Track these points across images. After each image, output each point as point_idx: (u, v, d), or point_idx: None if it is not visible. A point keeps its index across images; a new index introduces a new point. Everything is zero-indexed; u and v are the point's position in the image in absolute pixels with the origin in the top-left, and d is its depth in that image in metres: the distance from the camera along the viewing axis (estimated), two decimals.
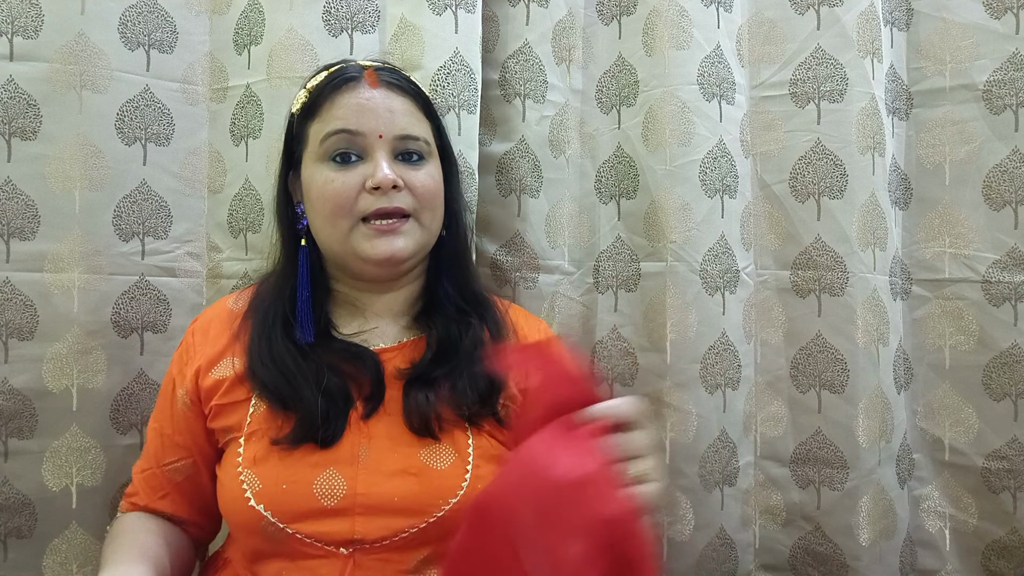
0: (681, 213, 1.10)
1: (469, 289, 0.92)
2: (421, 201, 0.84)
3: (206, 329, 0.89)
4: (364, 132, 0.82)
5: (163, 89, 1.08)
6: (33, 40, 0.99)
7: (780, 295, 1.16)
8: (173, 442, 0.87)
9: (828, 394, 1.12)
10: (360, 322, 0.89)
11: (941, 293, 1.14)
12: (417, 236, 0.85)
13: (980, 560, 1.11)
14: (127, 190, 1.05)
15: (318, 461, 0.78)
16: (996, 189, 1.09)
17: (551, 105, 1.17)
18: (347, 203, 0.81)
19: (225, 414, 0.84)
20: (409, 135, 0.84)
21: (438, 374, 0.84)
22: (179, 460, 0.87)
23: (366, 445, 0.80)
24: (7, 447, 0.99)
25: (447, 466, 0.80)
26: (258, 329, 0.85)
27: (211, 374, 0.85)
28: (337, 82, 0.84)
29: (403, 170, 0.83)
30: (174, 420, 0.87)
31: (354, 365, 0.84)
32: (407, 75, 0.90)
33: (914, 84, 1.16)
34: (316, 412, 0.79)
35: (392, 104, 0.84)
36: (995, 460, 1.09)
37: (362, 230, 0.82)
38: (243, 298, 0.92)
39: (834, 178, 1.11)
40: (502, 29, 1.16)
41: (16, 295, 0.98)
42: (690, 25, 1.10)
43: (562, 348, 0.91)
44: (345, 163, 0.82)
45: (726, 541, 1.12)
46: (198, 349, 0.88)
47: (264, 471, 0.78)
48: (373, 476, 0.78)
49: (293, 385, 0.81)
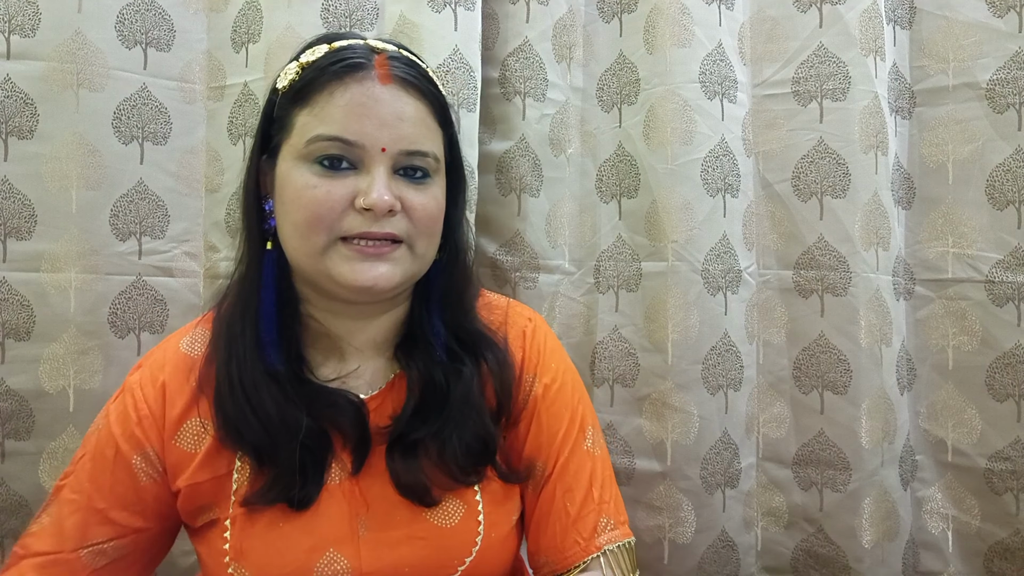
0: (683, 212, 1.09)
1: (465, 328, 0.78)
2: (418, 226, 0.70)
3: (159, 381, 0.73)
4: (364, 144, 0.67)
5: (160, 88, 1.08)
6: (30, 39, 0.98)
7: (782, 295, 1.15)
8: (106, 519, 0.70)
9: (831, 395, 1.11)
10: (337, 360, 0.76)
11: (944, 293, 1.13)
12: (407, 265, 0.71)
13: (983, 562, 1.11)
14: (124, 189, 1.05)
15: (314, 544, 0.68)
16: (999, 188, 1.09)
17: (551, 103, 1.16)
18: (328, 217, 0.67)
19: (201, 494, 0.71)
20: (417, 150, 0.70)
21: (422, 435, 0.72)
22: (108, 541, 0.70)
23: (363, 516, 0.70)
24: (4, 448, 0.98)
25: (457, 523, 0.72)
26: (225, 362, 0.71)
27: (176, 443, 0.72)
28: (339, 68, 0.68)
29: (403, 189, 0.69)
30: (115, 493, 0.71)
31: (334, 413, 0.72)
32: (426, 69, 0.74)
33: (917, 83, 1.15)
34: (292, 464, 0.68)
35: (403, 109, 0.69)
36: (998, 461, 1.09)
37: (341, 250, 0.68)
38: (198, 339, 0.76)
39: (837, 177, 1.10)
40: (502, 27, 1.16)
41: (13, 295, 0.98)
42: (691, 23, 1.09)
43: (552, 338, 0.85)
44: (334, 169, 0.68)
45: (728, 543, 1.12)
46: (155, 407, 0.72)
47: (255, 563, 0.68)
48: (378, 550, 0.70)
49: (267, 429, 0.69)
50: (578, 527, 0.75)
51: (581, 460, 0.77)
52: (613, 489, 0.79)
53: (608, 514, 0.76)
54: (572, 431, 0.78)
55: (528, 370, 0.80)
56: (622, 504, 0.80)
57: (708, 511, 1.10)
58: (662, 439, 1.10)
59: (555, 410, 0.79)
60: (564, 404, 0.79)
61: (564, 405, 0.79)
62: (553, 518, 0.75)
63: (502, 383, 0.77)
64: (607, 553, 0.74)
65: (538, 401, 0.79)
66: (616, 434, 1.13)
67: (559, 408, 0.79)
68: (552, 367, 0.81)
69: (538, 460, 0.77)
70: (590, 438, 0.79)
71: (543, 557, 0.76)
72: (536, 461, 0.77)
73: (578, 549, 0.74)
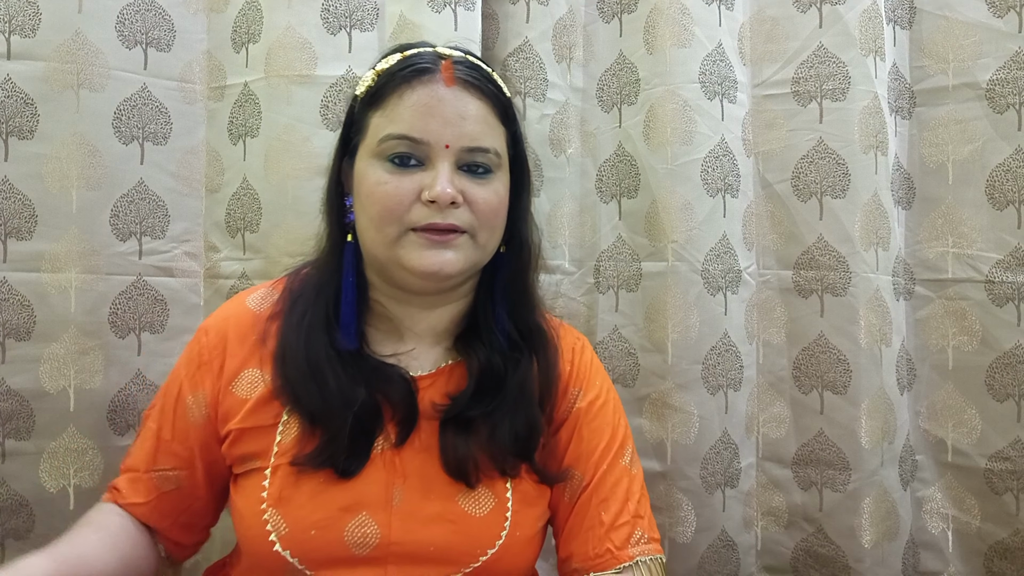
0: (683, 212, 1.09)
1: (526, 319, 0.83)
2: (480, 218, 0.75)
3: (224, 331, 0.81)
4: (429, 141, 0.73)
5: (161, 88, 1.08)
6: (30, 39, 0.98)
7: (782, 295, 1.15)
8: (170, 449, 0.79)
9: (830, 395, 1.11)
10: (395, 341, 0.81)
11: (944, 293, 1.13)
12: (469, 253, 0.76)
13: (983, 562, 1.11)
14: (124, 189, 1.05)
15: (349, 504, 0.72)
16: (999, 188, 1.09)
17: (551, 103, 1.16)
18: (398, 209, 0.73)
19: (246, 440, 0.76)
20: (478, 147, 0.75)
21: (476, 414, 0.77)
22: (172, 469, 0.79)
23: (400, 486, 0.74)
24: (4, 448, 0.98)
25: (486, 513, 0.75)
26: (295, 330, 0.77)
27: (232, 389, 0.78)
28: (408, 72, 0.74)
29: (466, 184, 0.74)
30: (176, 428, 0.79)
31: (387, 386, 0.77)
32: (489, 72, 0.80)
33: (917, 83, 1.16)
34: (344, 434, 0.73)
35: (465, 108, 0.75)
36: (998, 461, 1.09)
37: (411, 238, 0.74)
38: (267, 297, 0.83)
39: (836, 177, 1.10)
40: (502, 27, 1.16)
41: (13, 295, 0.98)
42: (691, 23, 1.09)
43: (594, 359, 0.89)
44: (403, 166, 0.74)
45: (728, 543, 1.12)
46: (215, 354, 0.79)
47: (291, 513, 0.72)
48: (408, 523, 0.73)
49: (325, 397, 0.74)
50: (611, 536, 0.77)
51: (619, 475, 0.80)
52: (648, 507, 0.82)
53: (643, 528, 0.79)
54: (612, 446, 0.81)
55: (575, 384, 0.84)
56: (655, 523, 0.82)
57: (708, 511, 1.10)
58: (662, 439, 1.10)
59: (596, 425, 0.82)
60: (606, 420, 0.83)
61: (606, 421, 0.83)
62: (587, 525, 0.78)
63: (547, 382, 0.82)
64: (639, 564, 0.76)
65: (581, 415, 0.82)
66: None
67: (601, 423, 0.82)
68: (597, 384, 0.85)
69: (576, 470, 0.80)
70: (628, 456, 0.83)
71: (574, 563, 0.78)
72: (575, 470, 0.81)
73: (611, 557, 0.76)
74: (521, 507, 0.76)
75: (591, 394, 0.84)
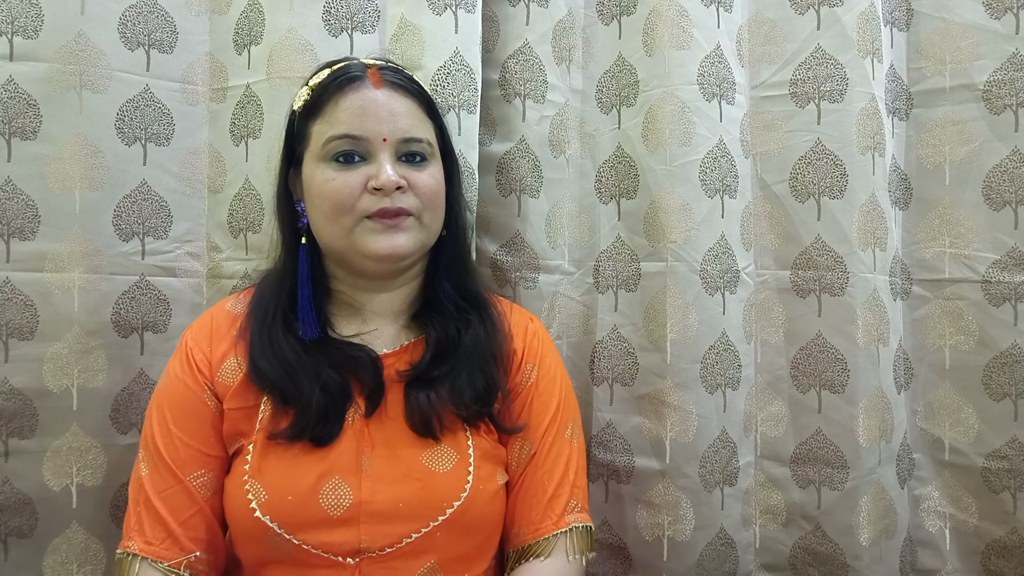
0: (681, 213, 1.10)
1: (468, 288, 0.93)
2: (423, 201, 0.85)
3: (207, 332, 0.89)
4: (368, 137, 0.82)
5: (163, 89, 1.09)
6: (33, 40, 0.99)
7: (780, 295, 1.16)
8: (202, 454, 0.84)
9: (828, 394, 1.12)
10: (359, 323, 0.89)
11: (941, 293, 1.14)
12: (418, 234, 0.85)
13: (980, 560, 1.11)
14: (127, 190, 1.05)
15: (323, 471, 0.79)
16: (996, 189, 1.09)
17: (551, 105, 1.17)
18: (349, 201, 0.81)
19: (236, 419, 0.84)
20: (412, 137, 0.85)
21: (437, 374, 0.85)
22: (205, 473, 0.84)
23: (369, 454, 0.81)
24: (7, 447, 0.99)
25: (450, 468, 0.82)
26: (259, 326, 0.85)
27: (218, 377, 0.85)
28: (340, 81, 0.84)
29: (406, 171, 0.84)
30: (203, 430, 0.84)
31: (354, 364, 0.84)
32: (410, 74, 0.90)
33: (914, 84, 1.16)
34: (313, 407, 0.80)
35: (395, 106, 0.84)
36: (995, 460, 1.09)
37: (366, 224, 0.82)
38: (242, 301, 0.92)
39: (834, 178, 1.11)
40: (502, 29, 1.16)
41: (16, 295, 0.99)
42: (690, 25, 1.10)
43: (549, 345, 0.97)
44: (348, 163, 0.82)
45: (726, 541, 1.12)
46: (204, 350, 0.87)
47: (269, 481, 0.79)
48: (377, 484, 0.80)
49: (293, 379, 0.81)
50: (552, 505, 0.87)
51: (561, 446, 0.90)
52: (584, 478, 0.92)
53: (577, 498, 0.89)
54: (556, 419, 0.91)
55: (528, 360, 0.93)
56: (587, 494, 0.92)
57: (707, 509, 1.11)
58: (661, 437, 1.11)
59: (545, 399, 0.91)
60: (552, 395, 0.92)
61: (553, 396, 0.92)
62: (532, 492, 0.87)
63: (497, 340, 0.90)
64: (572, 531, 0.86)
65: (532, 389, 0.92)
66: (615, 432, 1.14)
67: (547, 398, 0.92)
68: (547, 362, 0.94)
69: (526, 441, 0.89)
70: (570, 429, 0.92)
71: (517, 528, 0.87)
72: (524, 441, 0.89)
73: (549, 523, 0.86)
74: (483, 463, 0.84)
75: (542, 370, 0.93)
